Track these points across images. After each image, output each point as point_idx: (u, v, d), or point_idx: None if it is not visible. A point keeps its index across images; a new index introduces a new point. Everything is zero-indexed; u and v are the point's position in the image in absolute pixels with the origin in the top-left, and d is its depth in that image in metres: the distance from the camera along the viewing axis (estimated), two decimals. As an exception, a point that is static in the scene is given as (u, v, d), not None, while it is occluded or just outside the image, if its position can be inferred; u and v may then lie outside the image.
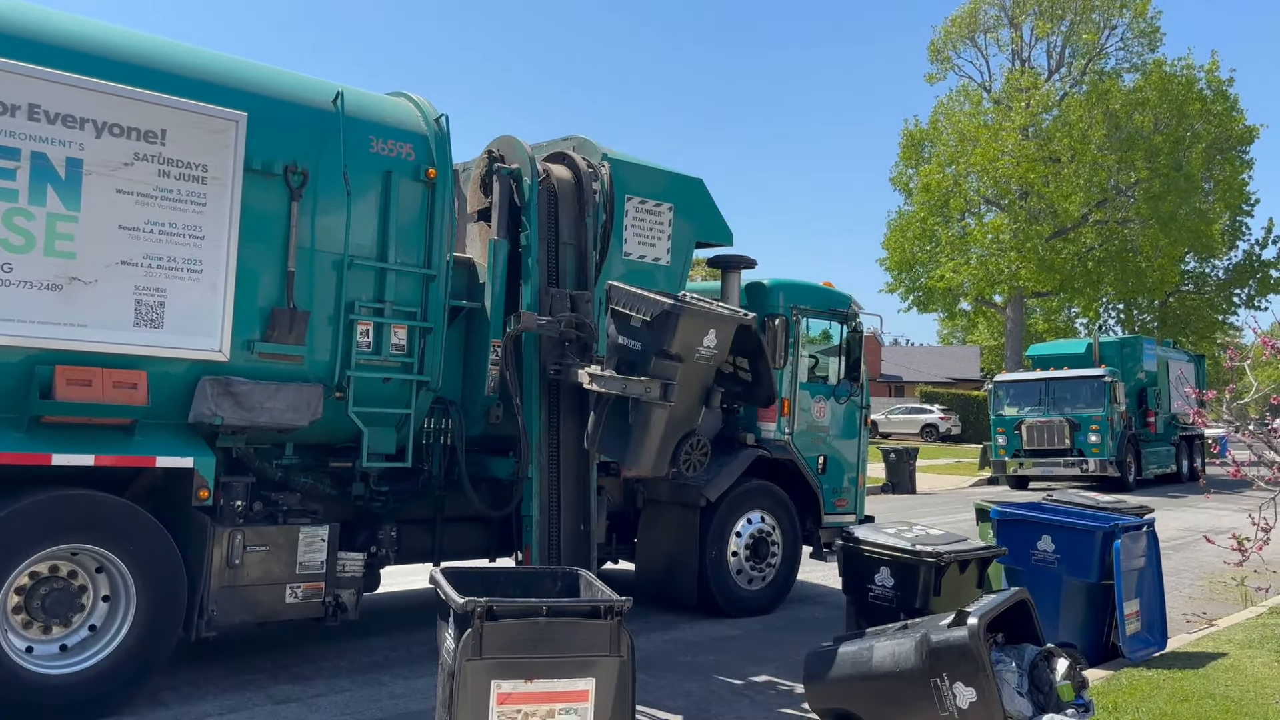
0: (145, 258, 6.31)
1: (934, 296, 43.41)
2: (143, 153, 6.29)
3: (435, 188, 7.52)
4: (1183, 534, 16.67)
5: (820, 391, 10.28)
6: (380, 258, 7.30)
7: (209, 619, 6.53)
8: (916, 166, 43.80)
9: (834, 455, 10.33)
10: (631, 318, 6.73)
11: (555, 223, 8.17)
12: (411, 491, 7.89)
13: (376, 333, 7.30)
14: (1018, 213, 39.66)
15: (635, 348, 6.73)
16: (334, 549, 7.04)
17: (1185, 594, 11.58)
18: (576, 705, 4.42)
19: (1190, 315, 45.37)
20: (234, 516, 6.71)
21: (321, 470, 7.54)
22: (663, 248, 8.93)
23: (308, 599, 6.97)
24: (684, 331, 6.55)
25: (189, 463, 6.44)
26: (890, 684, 5.59)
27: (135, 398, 6.22)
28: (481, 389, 7.90)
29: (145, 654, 6.26)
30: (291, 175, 6.89)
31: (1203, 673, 7.57)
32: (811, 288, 10.43)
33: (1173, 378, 28.78)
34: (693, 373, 6.66)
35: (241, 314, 6.68)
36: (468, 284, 8.09)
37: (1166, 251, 39.20)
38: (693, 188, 9.18)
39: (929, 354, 69.15)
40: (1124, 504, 8.70)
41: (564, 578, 5.22)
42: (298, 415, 6.84)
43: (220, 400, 6.52)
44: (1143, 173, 38.33)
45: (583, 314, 7.95)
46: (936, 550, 6.64)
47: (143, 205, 6.30)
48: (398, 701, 6.80)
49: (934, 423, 46.78)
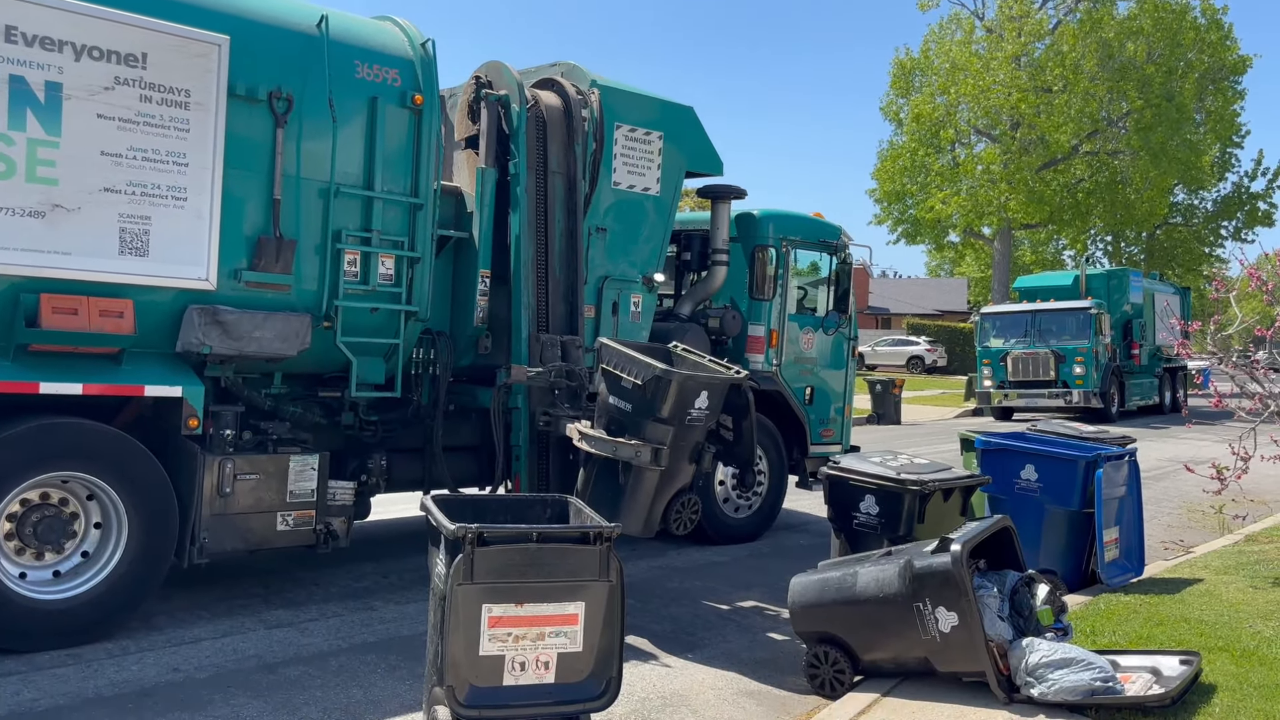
0: (129, 184, 6.23)
1: (922, 228, 43.32)
2: (123, 76, 6.17)
3: (422, 114, 7.41)
4: (1163, 464, 16.87)
5: (808, 323, 10.29)
6: (367, 186, 7.22)
7: (201, 546, 6.57)
8: (907, 96, 43.42)
9: (821, 386, 10.37)
10: (622, 379, 6.51)
11: (544, 151, 8.08)
12: (401, 421, 7.89)
13: (364, 262, 7.25)
14: (1008, 143, 39.44)
15: (627, 409, 6.52)
16: (324, 477, 7.07)
17: (1164, 522, 11.71)
18: (566, 629, 4.49)
19: (1177, 248, 45.44)
20: (224, 445, 6.73)
21: (311, 400, 7.54)
22: (652, 177, 8.86)
23: (299, 526, 7.01)
24: (676, 396, 6.36)
25: (178, 391, 6.44)
26: (874, 608, 5.66)
27: (122, 326, 6.19)
28: (470, 319, 7.87)
29: (138, 580, 6.32)
30: (276, 101, 6.78)
31: (1179, 598, 7.67)
32: (801, 218, 10.38)
33: (1158, 310, 28.85)
34: (684, 435, 6.49)
35: (228, 243, 6.62)
36: (456, 213, 8.02)
37: (1156, 183, 39.15)
38: (683, 115, 9.08)
39: (916, 286, 69.15)
40: (1107, 434, 8.78)
41: (554, 505, 5.25)
42: (285, 345, 6.82)
43: (208, 329, 6.49)
44: (1135, 103, 38.11)
45: (573, 361, 7.81)
46: (921, 479, 6.68)
47: (125, 131, 6.20)
48: (389, 626, 6.87)
49: (920, 354, 46.86)
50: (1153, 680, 5.50)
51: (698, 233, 10.04)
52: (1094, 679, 5.22)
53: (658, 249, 9.02)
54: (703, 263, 9.97)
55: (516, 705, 4.49)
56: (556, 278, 8.09)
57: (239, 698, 5.47)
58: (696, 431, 6.62)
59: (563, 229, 8.14)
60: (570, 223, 8.16)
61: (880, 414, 24.40)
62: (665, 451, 6.42)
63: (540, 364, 7.66)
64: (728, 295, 9.91)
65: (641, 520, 6.66)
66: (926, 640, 5.48)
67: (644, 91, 8.90)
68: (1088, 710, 5.19)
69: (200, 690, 5.55)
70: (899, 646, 5.64)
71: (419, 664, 5.69)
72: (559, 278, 8.11)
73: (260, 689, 5.61)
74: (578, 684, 4.55)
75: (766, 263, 9.81)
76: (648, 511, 6.66)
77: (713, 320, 9.60)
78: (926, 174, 41.80)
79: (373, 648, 6.41)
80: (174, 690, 5.54)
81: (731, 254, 9.82)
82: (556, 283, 8.09)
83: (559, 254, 8.13)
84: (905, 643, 5.59)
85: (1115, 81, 38.33)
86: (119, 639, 6.30)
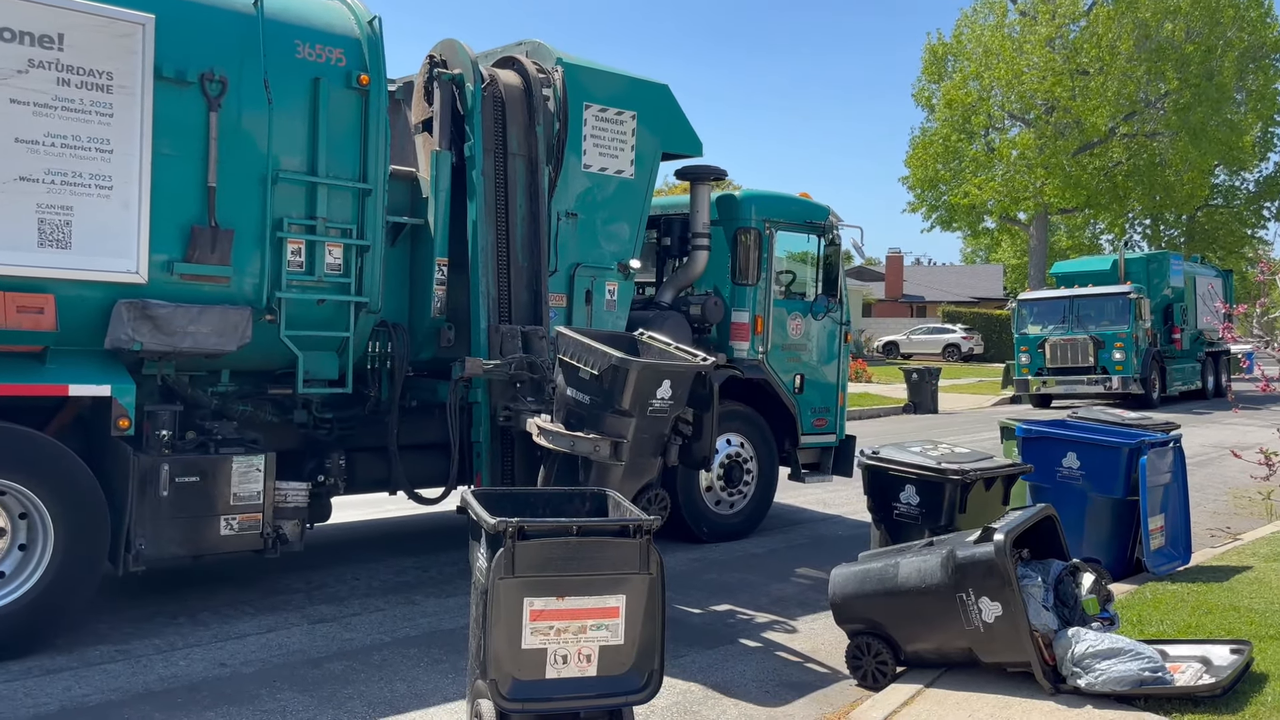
0: (47, 173, 5.91)
1: (957, 214, 42.62)
2: (38, 59, 5.86)
3: (369, 96, 7.05)
4: (1207, 450, 16.42)
5: (796, 308, 9.80)
6: (310, 171, 6.87)
7: (137, 553, 6.24)
8: (940, 82, 42.68)
9: (812, 374, 9.89)
10: (579, 369, 6.14)
11: (503, 132, 7.70)
12: (359, 419, 7.56)
13: (309, 251, 6.90)
14: (1043, 128, 38.61)
15: (585, 401, 6.14)
16: (271, 479, 6.73)
17: (1209, 509, 11.40)
18: (608, 621, 4.54)
19: (1218, 229, 44.36)
20: (160, 446, 6.40)
21: (261, 397, 7.23)
22: (626, 159, 8.44)
23: (244, 530, 6.66)
24: (636, 385, 5.96)
25: (106, 391, 6.12)
26: (916, 599, 5.64)
27: (42, 323, 5.90)
28: (428, 310, 7.51)
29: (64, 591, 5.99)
30: (208, 84, 6.45)
31: (1227, 585, 7.47)
32: (786, 199, 9.91)
33: (1200, 293, 28.16)
34: (647, 427, 6.09)
35: (159, 233, 6.30)
36: (410, 199, 7.65)
37: (1196, 164, 38.20)
38: (657, 94, 8.65)
39: (952, 273, 68.10)
40: (1150, 420, 8.65)
41: (592, 498, 5.29)
42: (224, 340, 6.49)
43: (138, 324, 6.17)
44: (1173, 83, 37.16)
45: (535, 352, 7.35)
46: (962, 468, 6.63)
47: (41, 116, 5.88)
48: (431, 620, 6.89)
49: (956, 342, 46.13)
50: (1203, 670, 5.38)
51: (678, 217, 9.62)
52: (1142, 669, 5.13)
53: (634, 234, 8.61)
54: (683, 248, 9.55)
55: (559, 698, 4.54)
56: (519, 265, 7.69)
57: (285, 692, 5.53)
58: (661, 423, 6.21)
59: (524, 214, 7.74)
60: (533, 207, 7.76)
61: (916, 403, 24.12)
62: (626, 445, 6.02)
63: (500, 356, 7.26)
64: (711, 281, 9.47)
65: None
66: (970, 631, 5.46)
67: (614, 69, 8.49)
68: (1136, 701, 5.07)
69: (247, 685, 5.62)
70: (942, 637, 5.62)
71: (461, 657, 5.78)
72: (522, 265, 7.71)
73: (305, 683, 5.67)
74: (620, 676, 4.59)
75: (749, 246, 9.37)
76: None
77: (695, 307, 9.17)
78: (960, 160, 41.05)
79: (415, 641, 6.45)
80: (221, 685, 5.62)
81: (713, 238, 9.38)
82: (519, 270, 7.70)
83: (521, 240, 7.73)
84: (948, 634, 5.57)
85: (1153, 62, 37.39)
86: (166, 635, 6.41)
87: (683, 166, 9.40)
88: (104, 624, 6.51)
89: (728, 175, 9.44)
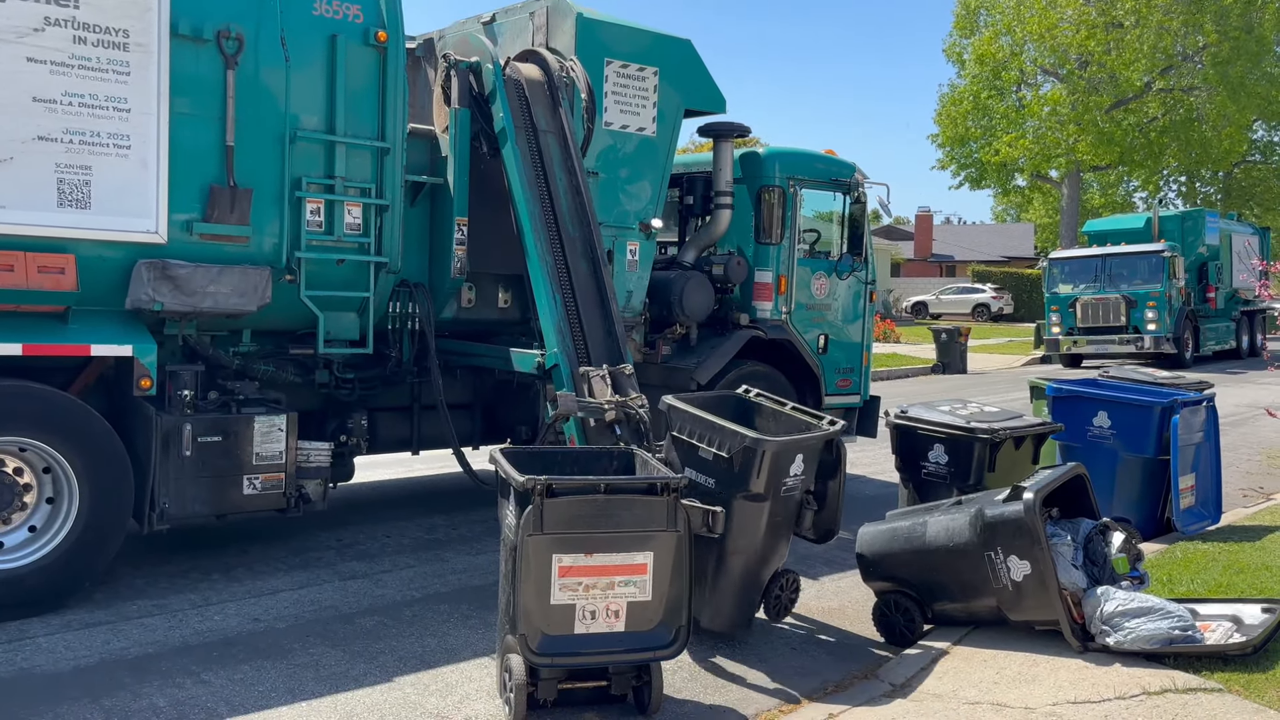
0: (65, 132, 5.90)
1: (987, 172, 42.04)
2: (54, 16, 5.83)
3: (387, 53, 6.97)
4: (1240, 410, 16.28)
5: (821, 267, 9.66)
6: (328, 130, 6.82)
7: (161, 512, 6.29)
8: (971, 37, 41.96)
9: (836, 334, 9.77)
10: (699, 449, 5.49)
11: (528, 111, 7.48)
12: (381, 379, 7.55)
13: (328, 211, 6.86)
14: (1076, 83, 37.94)
15: (710, 485, 5.47)
16: (293, 438, 6.74)
17: (1243, 469, 11.35)
18: (635, 578, 4.60)
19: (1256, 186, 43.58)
20: (182, 406, 6.42)
21: (282, 358, 7.21)
22: (647, 116, 8.32)
23: (267, 490, 6.69)
24: (771, 466, 5.40)
25: (128, 351, 6.13)
26: (944, 558, 5.63)
27: (63, 283, 5.90)
28: (448, 270, 7.43)
29: (89, 550, 6.04)
30: (225, 41, 6.40)
31: (1259, 545, 7.41)
32: (811, 156, 9.74)
33: (1236, 251, 27.73)
34: (780, 509, 5.62)
35: (178, 193, 6.28)
36: (430, 158, 7.56)
37: (1234, 119, 37.47)
38: (679, 49, 8.50)
39: (982, 232, 67.27)
40: (1182, 379, 8.57)
41: (620, 457, 5.31)
42: (244, 300, 6.48)
43: (158, 285, 6.16)
44: (1211, 36, 36.35)
45: (624, 389, 6.44)
46: (991, 426, 6.60)
47: (58, 75, 5.86)
48: (461, 577, 6.94)
49: (986, 302, 45.70)
50: (1233, 628, 5.34)
51: (700, 175, 9.48)
52: (1172, 627, 5.10)
53: (655, 193, 8.49)
54: (706, 207, 9.41)
55: (588, 652, 4.61)
56: (571, 237, 7.25)
57: (318, 646, 5.60)
58: (793, 503, 5.77)
59: (565, 186, 7.39)
60: (573, 181, 7.42)
61: (945, 363, 24.01)
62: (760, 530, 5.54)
63: (587, 395, 6.43)
64: (734, 240, 9.35)
65: (732, 611, 5.69)
66: (998, 589, 5.45)
67: (635, 24, 8.34)
68: (1166, 659, 5.04)
69: (281, 639, 5.70)
70: (970, 596, 5.62)
71: (491, 613, 5.84)
72: (574, 237, 7.27)
73: (338, 638, 5.73)
74: (648, 632, 4.65)
75: (773, 204, 9.23)
76: (738, 600, 5.69)
77: (717, 267, 9.06)
78: (991, 117, 40.42)
79: (445, 598, 6.50)
80: (256, 639, 5.69)
81: (736, 197, 9.25)
82: (572, 242, 7.24)
83: (567, 212, 7.32)
84: (976, 592, 5.57)
85: (1190, 14, 36.54)
86: (201, 590, 6.49)
87: (706, 124, 9.26)
88: (141, 579, 6.61)
89: (751, 132, 9.29)
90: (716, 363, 8.68)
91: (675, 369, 8.66)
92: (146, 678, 5.11)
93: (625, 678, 4.75)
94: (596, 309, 7.04)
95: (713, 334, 9.06)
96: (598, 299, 7.09)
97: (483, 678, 5.22)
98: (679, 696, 5.05)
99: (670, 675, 5.12)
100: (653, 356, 8.63)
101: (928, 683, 5.10)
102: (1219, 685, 4.79)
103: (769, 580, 5.87)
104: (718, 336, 9.01)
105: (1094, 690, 4.78)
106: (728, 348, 8.84)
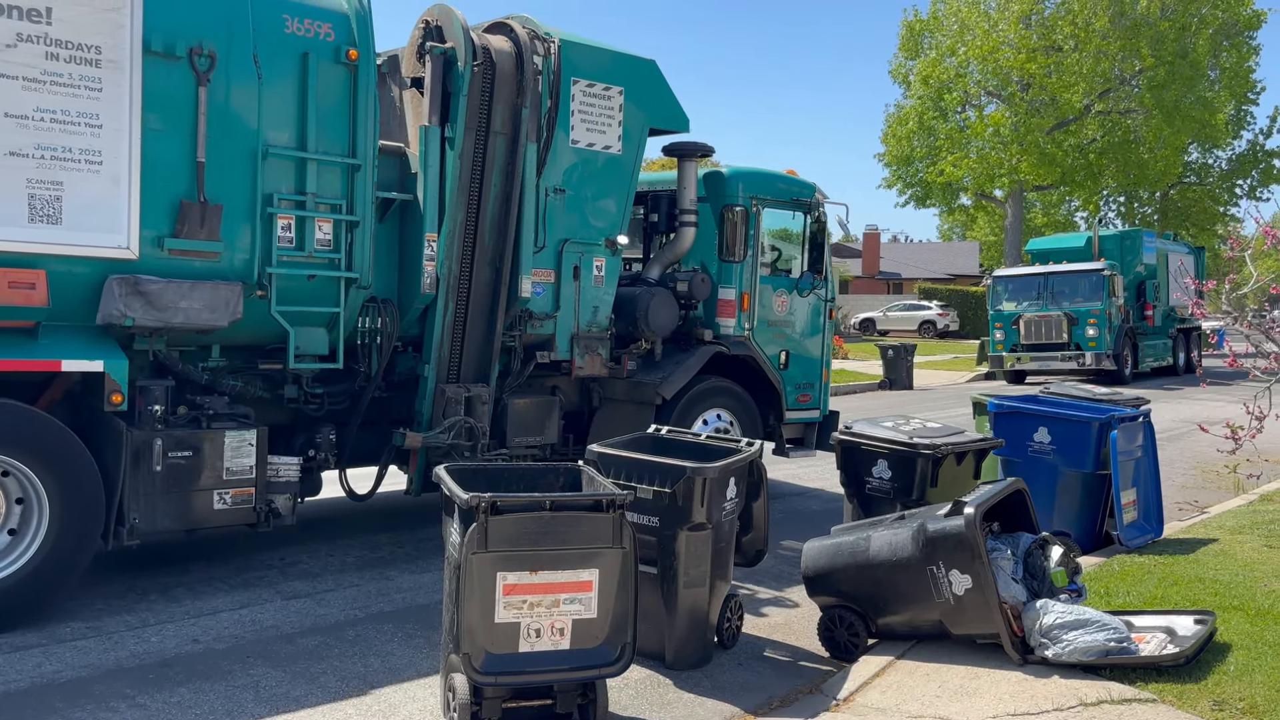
0: (37, 148, 5.90)
1: (932, 191, 42.72)
2: (26, 33, 5.83)
3: (358, 70, 7.03)
4: (1177, 425, 16.64)
5: (782, 285, 9.85)
6: (300, 146, 6.86)
7: (131, 527, 6.26)
8: (916, 58, 42.71)
9: (796, 350, 9.96)
10: (637, 490, 5.43)
11: (489, 109, 7.65)
12: (349, 393, 7.57)
13: (299, 227, 6.90)
14: (1018, 105, 38.76)
15: (653, 524, 5.47)
16: (263, 453, 6.75)
17: (1178, 483, 11.59)
18: (581, 595, 4.58)
19: (1191, 207, 44.71)
20: (153, 421, 6.41)
21: (252, 373, 7.22)
22: (613, 135, 8.45)
23: (237, 505, 6.69)
24: (711, 493, 5.46)
25: (99, 366, 6.11)
26: (887, 572, 5.67)
27: (34, 298, 5.89)
28: (418, 286, 7.50)
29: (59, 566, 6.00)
30: (197, 58, 6.42)
31: (1193, 558, 7.58)
32: (772, 176, 9.94)
33: (1172, 270, 28.42)
34: (721, 534, 5.67)
35: (149, 208, 6.29)
36: (400, 174, 7.62)
37: (1169, 142, 38.45)
38: (645, 70, 8.65)
39: (928, 250, 68.24)
40: (1120, 396, 8.70)
41: (566, 474, 5.29)
42: (215, 315, 6.49)
43: (129, 300, 6.16)
44: (1147, 61, 37.34)
45: (477, 417, 7.55)
46: (933, 442, 6.68)
47: (30, 91, 5.87)
48: (406, 595, 6.89)
49: (932, 319, 46.34)
50: (1167, 640, 5.45)
51: (665, 193, 9.63)
52: (1108, 639, 5.18)
53: (621, 210, 8.62)
54: (670, 224, 9.57)
55: (533, 671, 4.57)
56: (484, 244, 7.69)
57: (258, 667, 5.52)
58: (732, 527, 5.88)
59: (498, 193, 7.72)
60: (508, 186, 7.73)
61: (892, 379, 24.28)
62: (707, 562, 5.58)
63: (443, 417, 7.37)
64: (697, 258, 9.51)
65: (696, 646, 5.64)
66: (940, 603, 5.50)
67: (602, 44, 8.48)
68: (1102, 670, 5.13)
69: (220, 660, 5.61)
70: (913, 610, 5.66)
71: (436, 633, 5.79)
72: (487, 244, 7.72)
73: (279, 659, 5.65)
74: (593, 650, 4.64)
75: (736, 223, 9.40)
76: (696, 633, 5.63)
77: (681, 284, 9.19)
78: (935, 137, 41.14)
79: (390, 617, 6.44)
80: (194, 661, 5.59)
81: (700, 215, 9.41)
82: (484, 249, 7.70)
83: (490, 219, 7.72)
84: (919, 606, 5.61)
85: (1127, 39, 37.55)
86: (138, 611, 6.36)
87: (670, 143, 9.41)
88: (74, 601, 6.42)
89: (715, 152, 9.47)
90: (681, 378, 8.81)
91: (640, 384, 8.77)
92: (79, 702, 5.00)
93: (570, 696, 4.71)
94: (483, 317, 7.74)
95: (677, 349, 9.19)
96: (489, 305, 7.78)
97: (426, 698, 5.16)
98: (624, 714, 5.04)
99: (615, 693, 5.07)
100: (618, 371, 8.73)
101: (871, 696, 5.14)
102: (1153, 696, 4.87)
103: (723, 604, 5.90)
104: (682, 352, 9.14)
105: (1033, 703, 4.84)
106: (692, 363, 8.97)
